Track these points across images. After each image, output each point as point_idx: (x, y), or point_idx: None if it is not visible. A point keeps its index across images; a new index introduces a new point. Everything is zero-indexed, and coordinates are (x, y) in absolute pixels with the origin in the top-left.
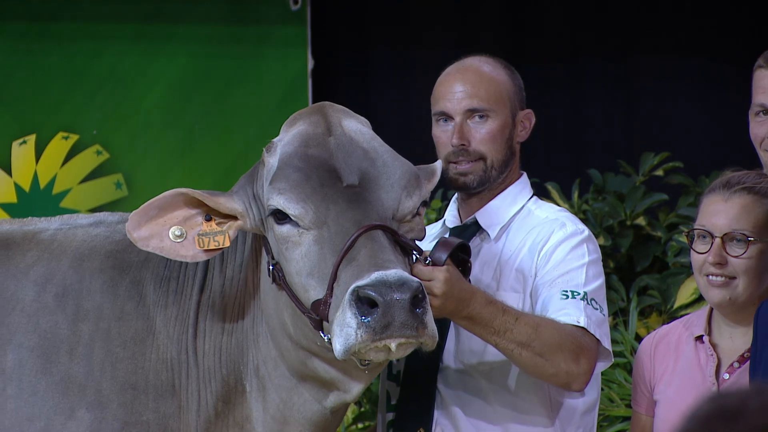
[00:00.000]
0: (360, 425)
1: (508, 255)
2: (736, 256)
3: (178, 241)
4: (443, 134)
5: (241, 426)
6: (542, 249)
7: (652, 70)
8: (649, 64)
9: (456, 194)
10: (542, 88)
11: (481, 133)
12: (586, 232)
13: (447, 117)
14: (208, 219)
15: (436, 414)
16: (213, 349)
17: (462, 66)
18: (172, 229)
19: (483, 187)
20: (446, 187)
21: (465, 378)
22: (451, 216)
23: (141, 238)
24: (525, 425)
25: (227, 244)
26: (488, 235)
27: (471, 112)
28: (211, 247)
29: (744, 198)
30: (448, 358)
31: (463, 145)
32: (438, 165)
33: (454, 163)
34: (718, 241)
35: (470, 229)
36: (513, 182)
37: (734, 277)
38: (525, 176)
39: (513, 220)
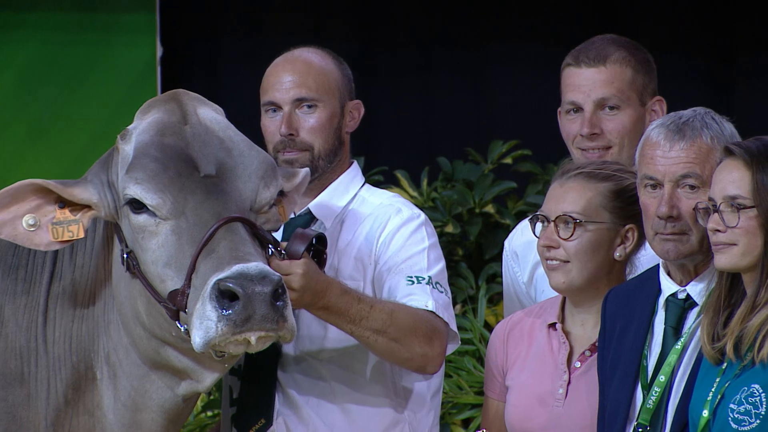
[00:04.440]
0: (209, 413)
1: (345, 243)
2: (566, 239)
3: (32, 229)
4: (272, 124)
5: (91, 413)
6: (380, 235)
7: (501, 58)
8: (498, 52)
9: None
10: (392, 75)
11: (310, 123)
12: (422, 216)
13: (276, 107)
14: (62, 207)
15: (278, 404)
16: (63, 337)
17: (291, 56)
18: (25, 218)
19: (312, 177)
20: None
21: (305, 365)
22: None
23: None
24: (369, 407)
25: (81, 234)
26: (323, 225)
27: (299, 102)
28: (65, 238)
29: (577, 182)
30: (287, 346)
31: (291, 134)
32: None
33: (281, 151)
34: (550, 224)
35: (304, 220)
36: (344, 171)
37: (568, 261)
38: (356, 164)
39: (347, 209)
